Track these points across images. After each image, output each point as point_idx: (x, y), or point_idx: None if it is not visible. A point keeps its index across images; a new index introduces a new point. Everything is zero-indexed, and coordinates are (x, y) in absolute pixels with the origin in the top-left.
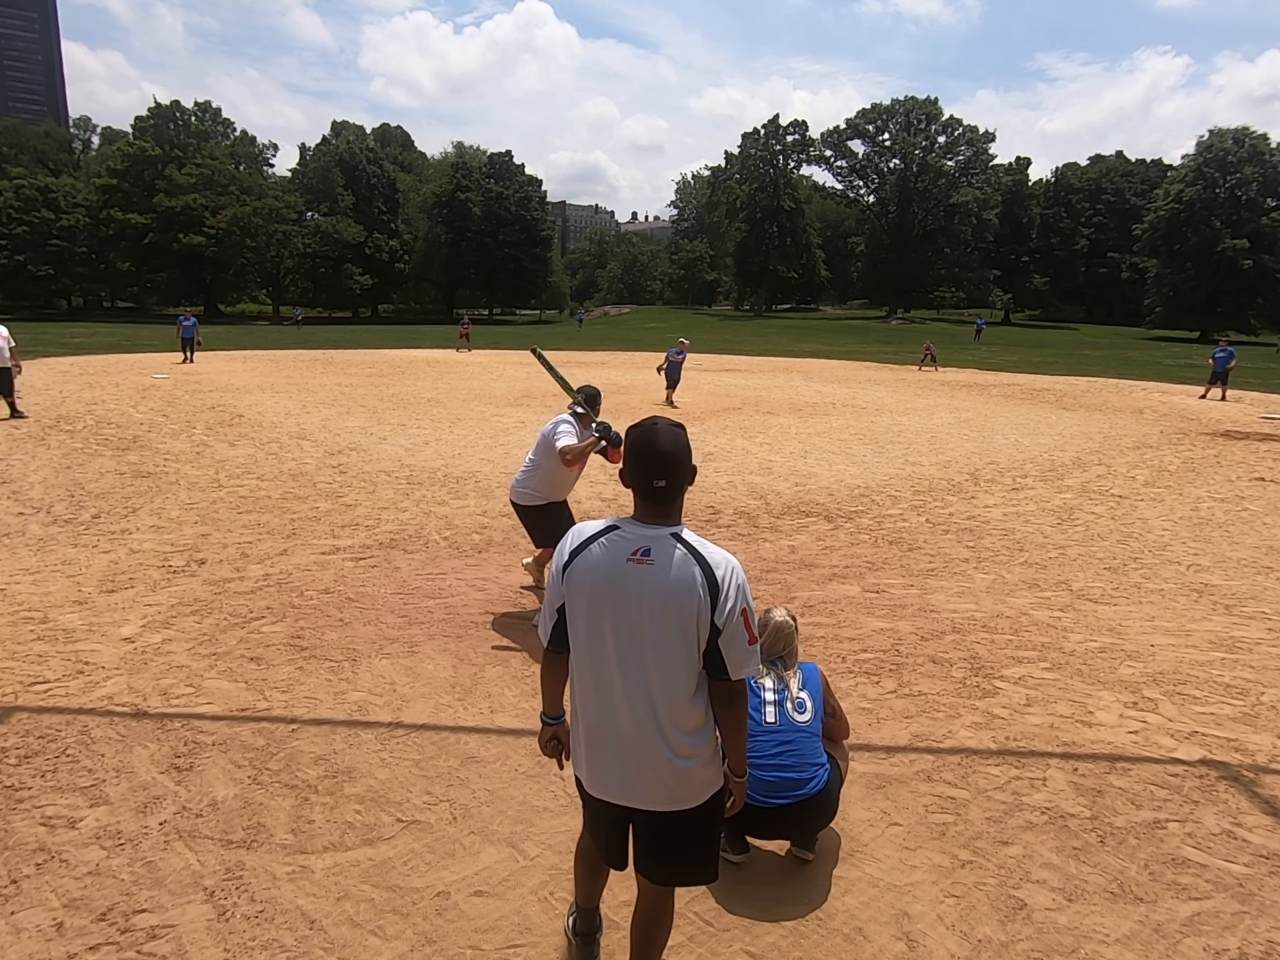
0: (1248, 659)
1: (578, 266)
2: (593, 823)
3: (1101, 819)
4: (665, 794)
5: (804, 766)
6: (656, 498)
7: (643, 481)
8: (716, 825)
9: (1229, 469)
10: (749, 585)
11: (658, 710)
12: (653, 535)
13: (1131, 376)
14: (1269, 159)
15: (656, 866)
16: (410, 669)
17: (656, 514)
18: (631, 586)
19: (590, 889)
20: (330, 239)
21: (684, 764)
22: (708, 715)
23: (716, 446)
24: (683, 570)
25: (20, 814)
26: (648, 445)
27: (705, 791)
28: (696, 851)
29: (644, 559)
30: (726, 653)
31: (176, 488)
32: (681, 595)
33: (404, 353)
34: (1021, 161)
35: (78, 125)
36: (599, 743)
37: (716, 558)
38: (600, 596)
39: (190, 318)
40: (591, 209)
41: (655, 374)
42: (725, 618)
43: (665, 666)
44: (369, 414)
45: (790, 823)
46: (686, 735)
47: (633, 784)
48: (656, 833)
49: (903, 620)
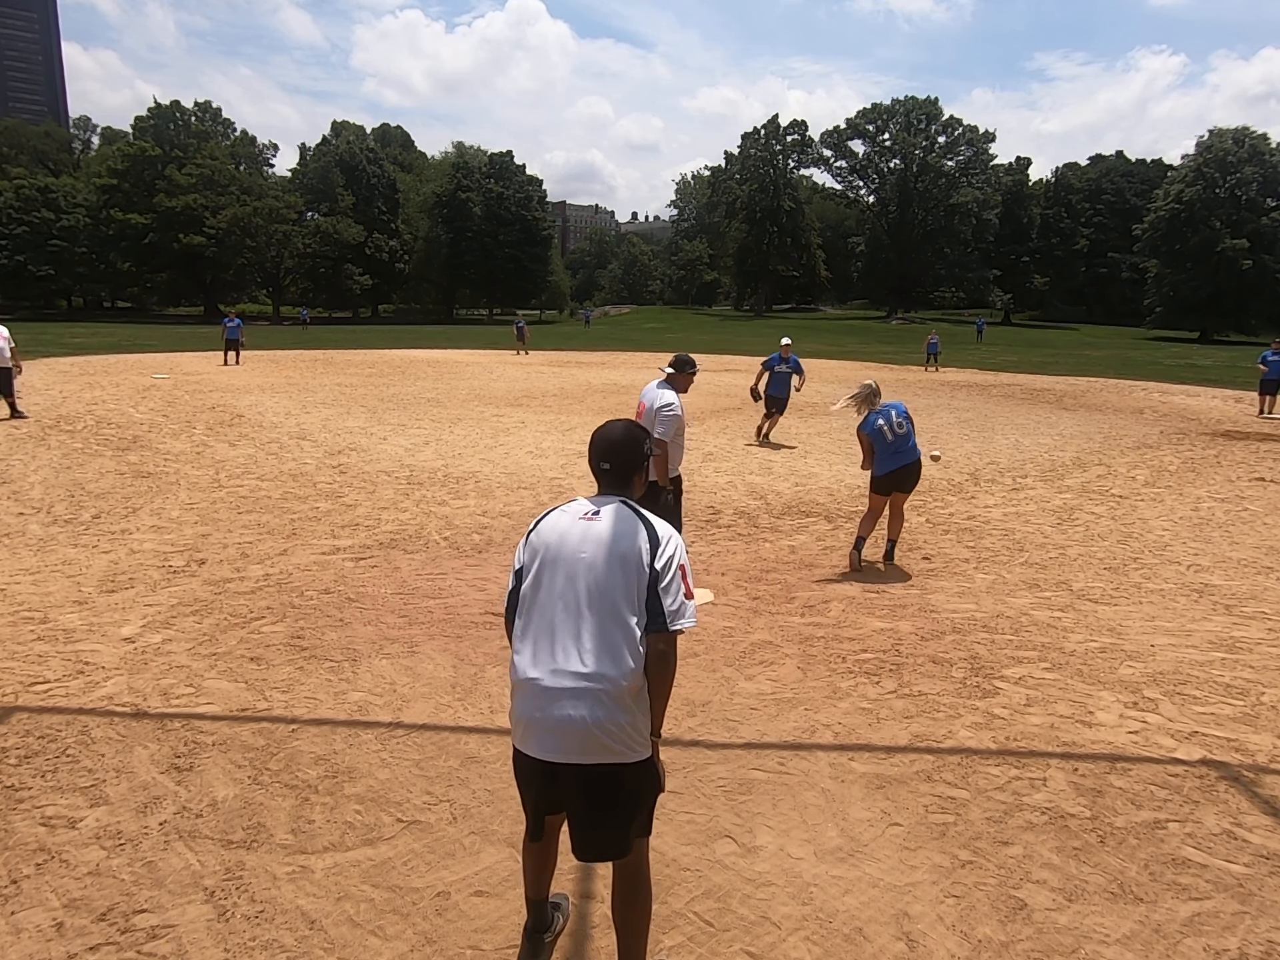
0: (1248, 659)
1: (578, 266)
2: (522, 786)
3: (1101, 819)
4: (594, 745)
5: (910, 450)
6: (604, 480)
7: (593, 464)
8: (643, 792)
9: (1229, 469)
10: (688, 558)
11: (596, 660)
12: (603, 500)
13: (1131, 376)
14: (1269, 159)
15: (584, 834)
16: (410, 669)
17: (608, 495)
18: (580, 537)
19: (536, 877)
20: (330, 239)
21: (615, 716)
22: (641, 675)
23: (716, 446)
24: (627, 523)
25: (20, 814)
26: (599, 433)
27: (632, 751)
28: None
29: (593, 517)
30: (664, 600)
31: (177, 488)
32: (624, 541)
33: (404, 353)
34: (1022, 161)
35: (78, 125)
36: (537, 690)
37: (659, 521)
38: (553, 549)
39: (234, 319)
40: (591, 209)
41: (652, 374)
42: (664, 565)
43: (602, 616)
44: (369, 414)
45: (913, 476)
46: (619, 689)
47: (565, 734)
48: (585, 791)
49: (903, 620)
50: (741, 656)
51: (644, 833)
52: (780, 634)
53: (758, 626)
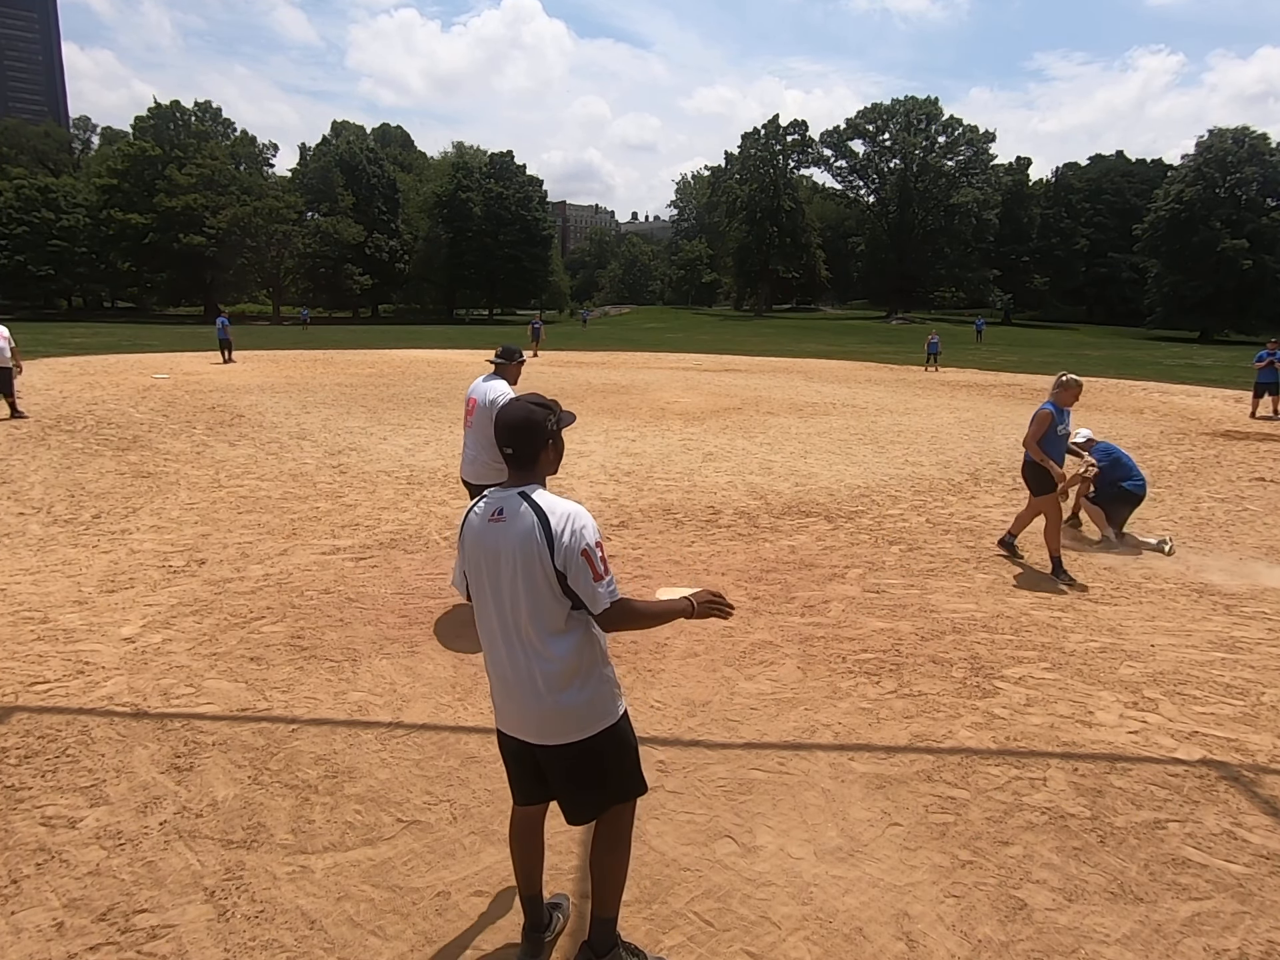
0: (1248, 659)
1: (578, 266)
2: (504, 757)
3: (1101, 819)
4: (548, 728)
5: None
6: (509, 463)
7: (499, 449)
8: (604, 759)
9: (1229, 469)
10: (594, 530)
11: (529, 652)
12: (505, 496)
13: (1131, 376)
14: (1269, 159)
15: (563, 802)
16: (410, 669)
17: (514, 478)
18: (491, 543)
19: (527, 871)
20: (330, 239)
21: (559, 699)
22: (579, 653)
23: (717, 446)
24: (524, 522)
25: (20, 814)
26: (498, 417)
27: (588, 726)
28: (585, 785)
29: (498, 517)
30: (579, 590)
31: (177, 488)
32: (525, 546)
33: (404, 353)
34: (1022, 162)
35: (78, 125)
36: (496, 681)
37: (556, 509)
38: (475, 554)
39: (220, 317)
40: (591, 209)
41: (652, 374)
42: (565, 560)
43: (528, 611)
44: (369, 414)
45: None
46: (556, 673)
47: (523, 719)
48: (552, 767)
49: (903, 620)
50: (741, 656)
51: (623, 798)
52: (780, 634)
53: (758, 626)
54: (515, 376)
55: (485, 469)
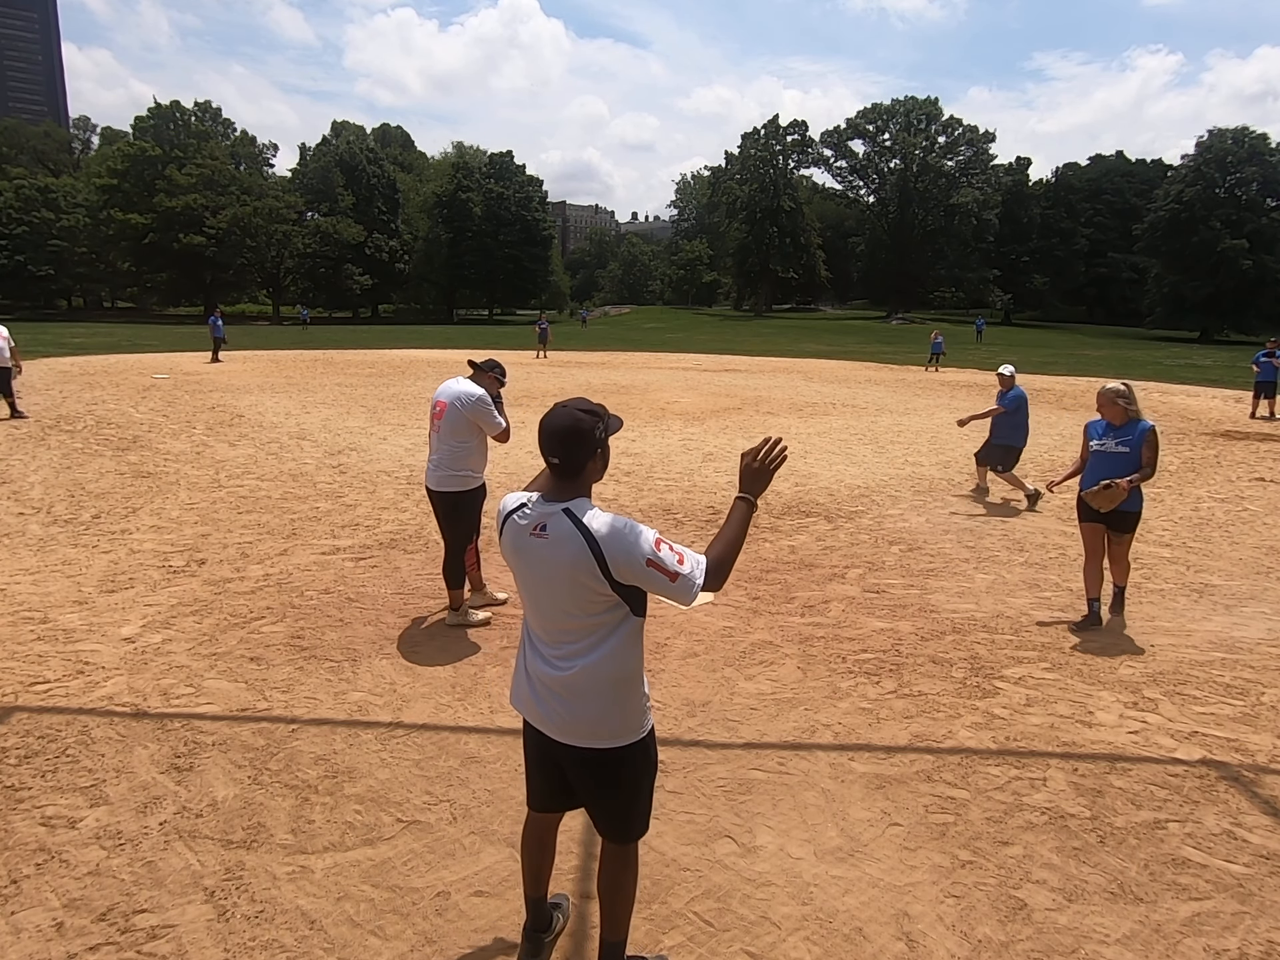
0: (1248, 659)
1: (578, 266)
2: (527, 764)
3: (1101, 819)
4: (582, 729)
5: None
6: (554, 473)
7: (543, 455)
8: (637, 771)
9: (1229, 469)
10: (647, 536)
11: (567, 658)
12: (549, 513)
13: (1131, 376)
14: (1269, 159)
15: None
16: (410, 669)
17: (559, 489)
18: (534, 556)
19: (536, 874)
20: (330, 239)
21: (593, 705)
22: (616, 664)
23: (716, 446)
24: (572, 546)
25: (20, 814)
26: (544, 424)
27: (620, 735)
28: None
29: (541, 534)
30: (663, 598)
31: (176, 488)
32: (571, 565)
33: (404, 353)
34: (1022, 162)
35: (78, 125)
36: (533, 679)
37: (603, 529)
38: (516, 563)
39: (212, 316)
40: (591, 209)
41: (652, 374)
42: (630, 578)
43: (569, 622)
44: (369, 414)
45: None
46: (592, 681)
47: (552, 718)
48: (578, 772)
49: (903, 620)
50: (741, 656)
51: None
52: (780, 634)
53: (758, 626)
54: (491, 389)
55: (449, 478)
